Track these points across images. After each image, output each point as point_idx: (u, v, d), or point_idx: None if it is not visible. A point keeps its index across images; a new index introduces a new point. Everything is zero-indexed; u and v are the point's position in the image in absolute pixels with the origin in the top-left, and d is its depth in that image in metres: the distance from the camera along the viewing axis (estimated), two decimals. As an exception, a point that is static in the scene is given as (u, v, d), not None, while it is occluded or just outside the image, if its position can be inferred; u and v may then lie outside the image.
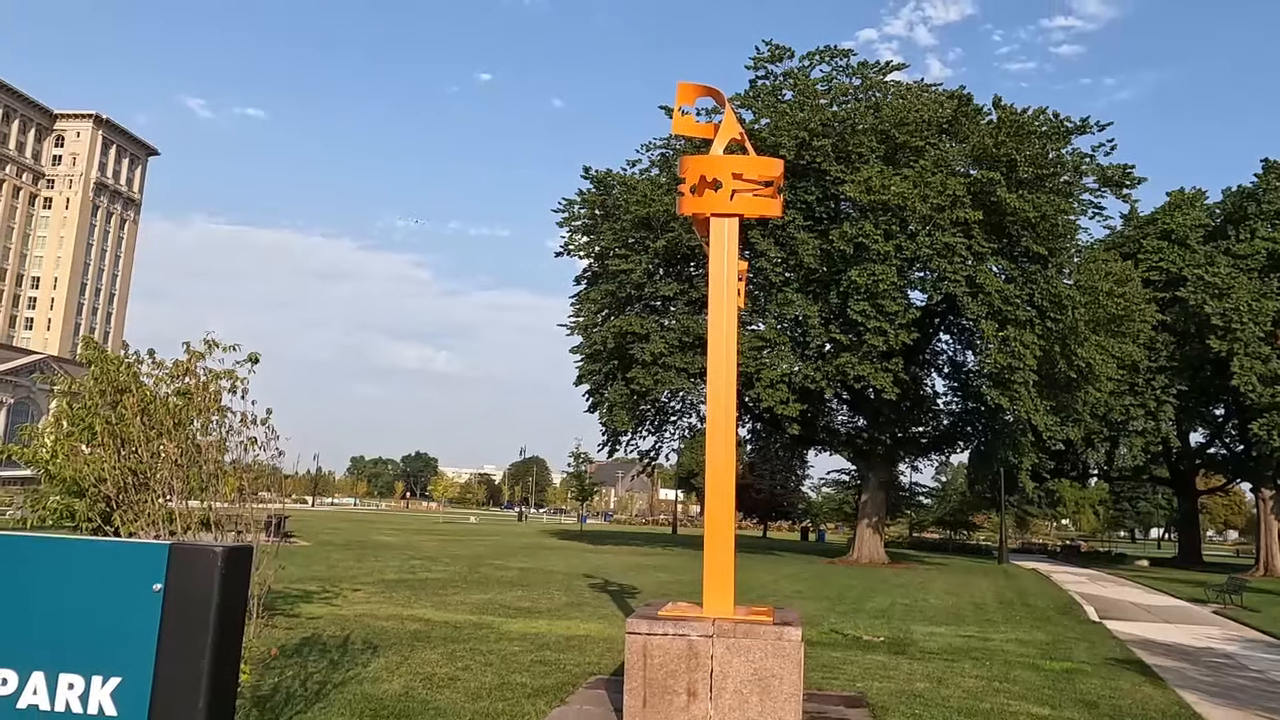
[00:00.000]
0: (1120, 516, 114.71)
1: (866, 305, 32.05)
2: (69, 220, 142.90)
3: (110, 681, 1.97)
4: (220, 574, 1.71)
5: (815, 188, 35.69)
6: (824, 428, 42.13)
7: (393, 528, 52.89)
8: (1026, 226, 33.47)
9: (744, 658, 7.40)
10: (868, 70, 37.64)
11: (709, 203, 8.89)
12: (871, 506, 40.22)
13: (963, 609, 20.61)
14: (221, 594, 1.71)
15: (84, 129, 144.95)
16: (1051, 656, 13.48)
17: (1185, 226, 47.26)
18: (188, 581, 1.71)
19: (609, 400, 37.34)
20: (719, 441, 8.71)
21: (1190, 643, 16.46)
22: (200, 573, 1.72)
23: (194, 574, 1.71)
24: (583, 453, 71.79)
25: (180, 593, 1.70)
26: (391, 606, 15.00)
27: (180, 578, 1.71)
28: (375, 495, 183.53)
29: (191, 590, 1.70)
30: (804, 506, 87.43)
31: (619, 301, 37.20)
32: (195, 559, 1.73)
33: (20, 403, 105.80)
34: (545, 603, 16.97)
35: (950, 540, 71.86)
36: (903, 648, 13.43)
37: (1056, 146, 35.09)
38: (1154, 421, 45.95)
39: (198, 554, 1.74)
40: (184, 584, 1.70)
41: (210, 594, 1.69)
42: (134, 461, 5.98)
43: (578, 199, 39.43)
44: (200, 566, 1.72)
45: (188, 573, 1.71)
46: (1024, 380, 31.47)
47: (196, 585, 1.71)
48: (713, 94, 10.17)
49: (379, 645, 10.79)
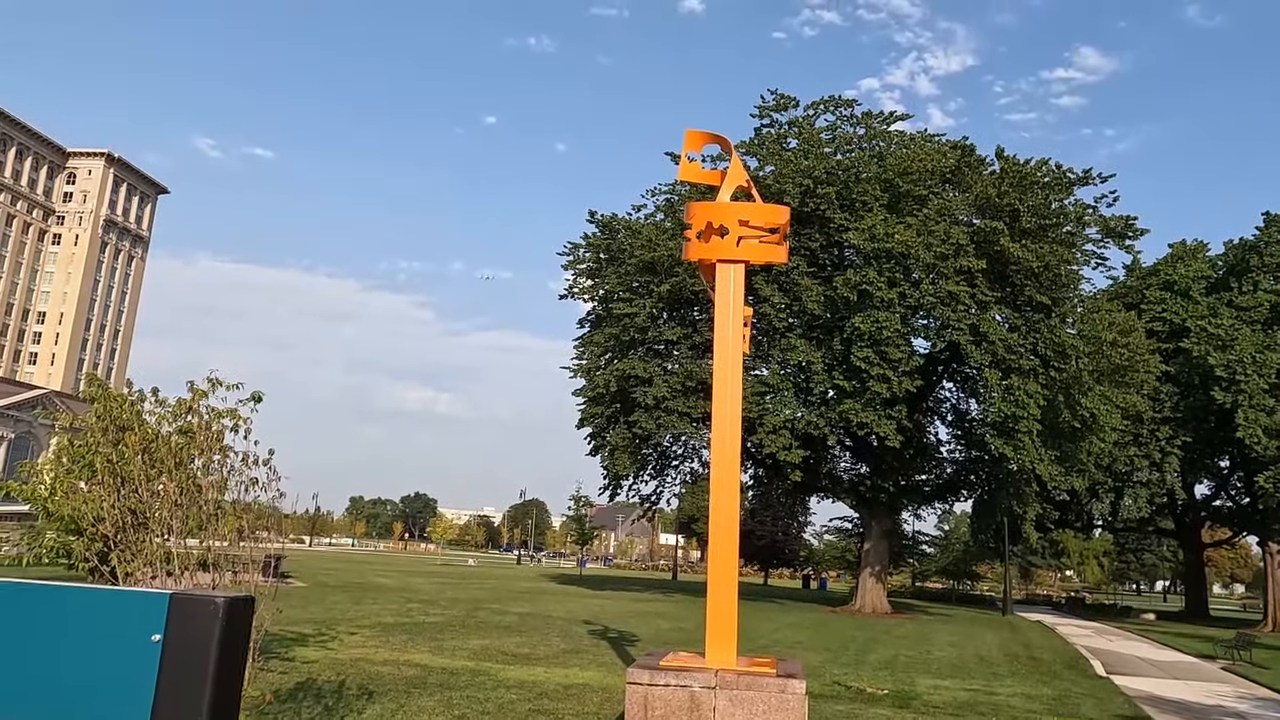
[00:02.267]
0: (1125, 568, 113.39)
1: (870, 352, 32.04)
2: (77, 256, 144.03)
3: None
4: (221, 625, 1.65)
5: (819, 234, 35.92)
6: (826, 474, 41.88)
7: (390, 569, 52.37)
8: (1030, 276, 33.58)
9: (746, 710, 7.26)
10: (872, 120, 38.12)
11: (715, 249, 8.93)
12: (874, 555, 39.81)
13: (968, 662, 20.28)
14: (221, 646, 1.64)
15: (95, 167, 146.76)
16: (1059, 713, 13.22)
17: (1188, 278, 47.43)
18: (187, 632, 1.64)
19: (611, 443, 37.18)
20: (723, 490, 8.64)
21: (1200, 700, 16.15)
22: (200, 624, 1.66)
23: (194, 625, 1.65)
24: (583, 496, 71.25)
25: (180, 644, 1.63)
26: (388, 651, 14.78)
27: (180, 628, 1.65)
28: (373, 536, 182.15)
29: (191, 641, 1.63)
30: (805, 554, 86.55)
31: (622, 345, 37.23)
32: (196, 609, 1.67)
33: (21, 438, 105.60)
34: (544, 649, 16.71)
35: (954, 590, 71.02)
36: (907, 701, 13.18)
37: (1059, 197, 35.35)
38: (1159, 472, 45.64)
39: (198, 604, 1.68)
40: (183, 635, 1.64)
41: (210, 646, 1.63)
42: (133, 500, 5.92)
43: (583, 242, 39.69)
44: (200, 617, 1.66)
45: (187, 624, 1.65)
46: (1028, 429, 31.32)
47: (196, 636, 1.64)
48: (720, 141, 10.27)
49: (375, 691, 10.60)
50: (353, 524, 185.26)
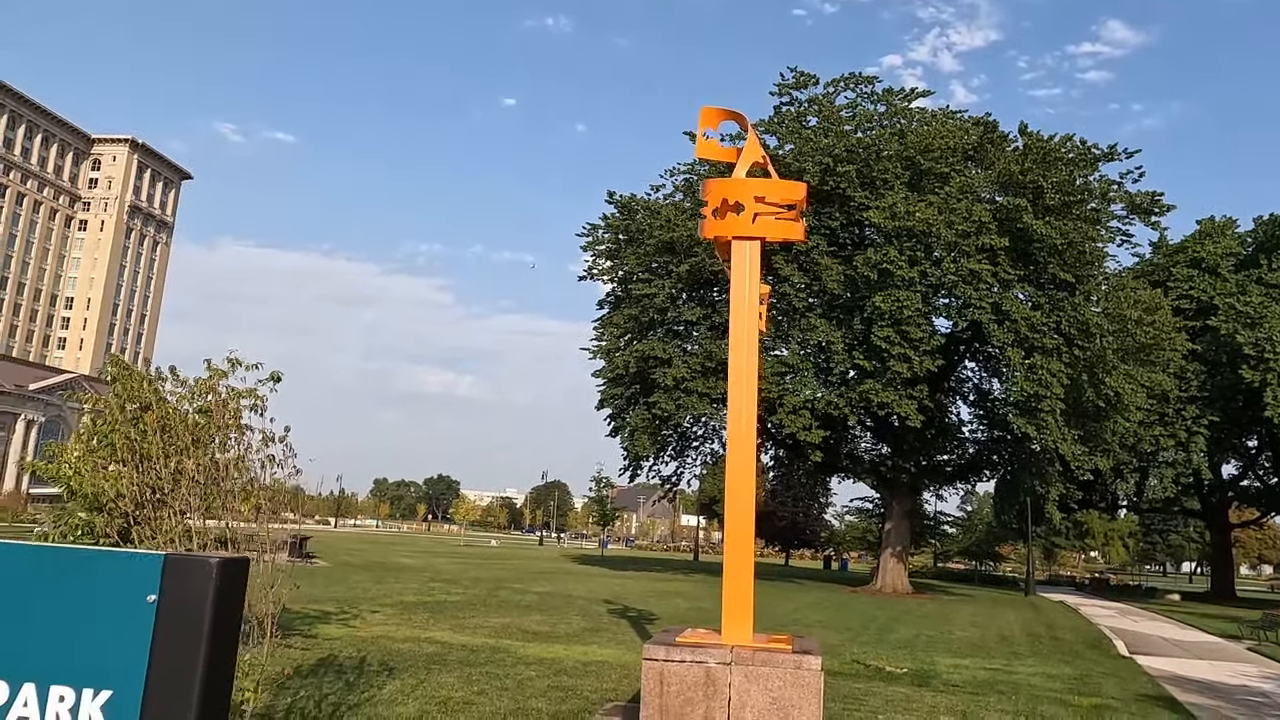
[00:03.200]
0: (1151, 549, 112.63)
1: (890, 331, 31.83)
2: (103, 242, 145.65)
3: (101, 695, 1.93)
4: (215, 585, 1.67)
5: (839, 213, 35.63)
6: (847, 455, 41.75)
7: (413, 549, 52.92)
8: (1053, 253, 33.17)
9: (762, 686, 7.26)
10: (892, 97, 37.67)
11: (731, 226, 8.85)
12: (895, 535, 39.71)
13: (989, 641, 20.22)
14: (215, 606, 1.66)
15: (120, 153, 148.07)
16: (1080, 692, 13.16)
17: (1216, 255, 46.70)
18: (182, 593, 1.66)
19: (630, 425, 37.24)
20: (739, 467, 8.62)
21: (1224, 680, 16.01)
22: (195, 584, 1.67)
23: (189, 585, 1.67)
24: (604, 477, 71.62)
25: (174, 604, 1.66)
26: (409, 629, 14.94)
27: (175, 589, 1.67)
28: (397, 517, 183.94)
29: (186, 602, 1.65)
30: (827, 535, 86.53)
31: (642, 326, 37.20)
32: (190, 570, 1.68)
33: (51, 421, 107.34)
34: (563, 628, 16.84)
35: (976, 571, 70.78)
36: (926, 680, 13.17)
37: (1084, 173, 34.83)
38: (1185, 452, 45.12)
39: (193, 565, 1.70)
40: (178, 595, 1.66)
41: (204, 606, 1.65)
42: (152, 478, 5.99)
43: (602, 223, 39.61)
44: (195, 578, 1.68)
45: (182, 584, 1.67)
46: (1051, 409, 31.04)
47: (191, 597, 1.66)
48: (736, 118, 10.17)
49: (395, 668, 10.73)
50: (377, 506, 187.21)
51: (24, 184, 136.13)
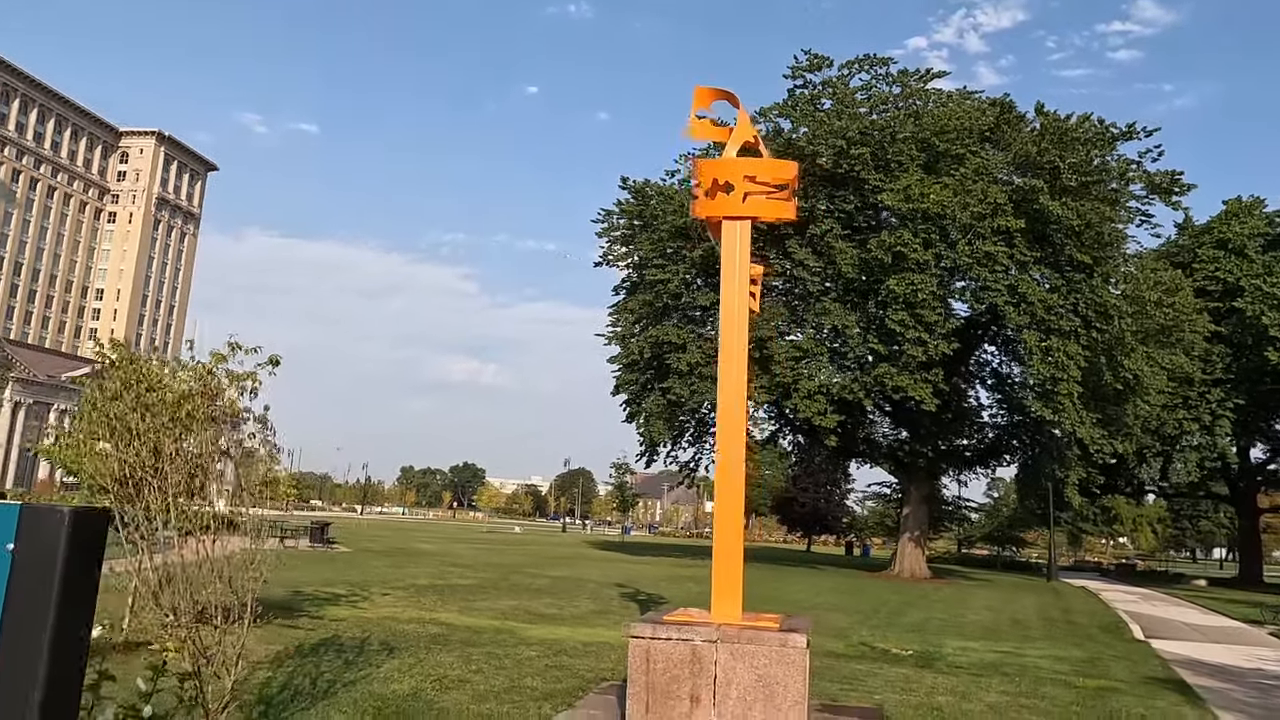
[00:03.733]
0: (1181, 535, 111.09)
1: (905, 315, 31.59)
2: (131, 234, 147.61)
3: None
4: (67, 535, 1.71)
5: (854, 196, 35.35)
6: (864, 439, 41.55)
7: (435, 536, 53.38)
8: (1070, 235, 32.72)
9: (748, 664, 7.28)
10: (908, 78, 37.24)
11: (721, 205, 8.83)
12: (913, 520, 39.52)
13: (1001, 625, 20.12)
14: (68, 554, 1.71)
15: (147, 146, 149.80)
16: (1087, 674, 13.08)
17: (1243, 235, 45.89)
18: (37, 541, 1.72)
19: (646, 410, 37.29)
20: (728, 446, 8.62)
21: (1239, 663, 15.83)
22: (48, 534, 1.73)
23: (43, 535, 1.72)
24: (624, 464, 71.74)
25: (29, 553, 1.71)
26: (416, 610, 15.10)
27: (30, 538, 1.73)
28: (423, 504, 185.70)
29: (40, 550, 1.71)
30: (848, 520, 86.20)
31: (656, 311, 37.17)
32: (44, 520, 1.73)
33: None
34: (571, 610, 16.95)
35: (998, 556, 70.28)
36: (930, 662, 13.14)
37: (1101, 153, 34.28)
38: (1209, 436, 44.51)
39: (45, 514, 1.74)
40: (33, 544, 1.71)
41: (56, 554, 1.70)
42: (131, 455, 6.10)
43: (616, 209, 39.56)
44: (48, 527, 1.73)
45: (37, 533, 1.72)
46: (1068, 392, 30.70)
47: (43, 545, 1.72)
48: (727, 97, 10.10)
49: (396, 647, 10.86)
50: (403, 493, 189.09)
51: (54, 177, 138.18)
